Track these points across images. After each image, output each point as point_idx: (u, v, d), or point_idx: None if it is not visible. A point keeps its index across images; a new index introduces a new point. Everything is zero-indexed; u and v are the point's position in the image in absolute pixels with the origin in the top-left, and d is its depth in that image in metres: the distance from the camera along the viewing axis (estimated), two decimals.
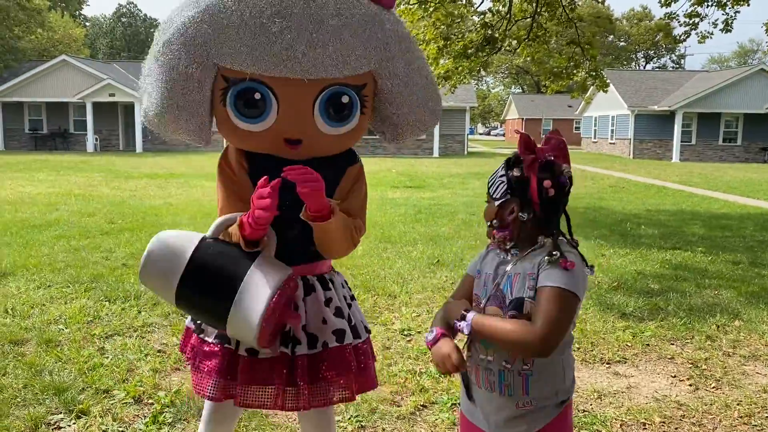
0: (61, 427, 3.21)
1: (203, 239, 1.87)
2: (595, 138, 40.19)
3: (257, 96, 1.88)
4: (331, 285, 2.14)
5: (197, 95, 1.90)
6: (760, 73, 31.03)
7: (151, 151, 31.50)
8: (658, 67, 68.88)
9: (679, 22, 11.05)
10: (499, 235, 1.82)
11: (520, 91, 70.59)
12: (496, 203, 1.81)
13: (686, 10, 11.37)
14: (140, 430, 3.19)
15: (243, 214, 1.87)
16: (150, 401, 3.50)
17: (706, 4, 10.27)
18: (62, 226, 8.90)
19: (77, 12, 58.28)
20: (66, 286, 5.74)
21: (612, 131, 36.80)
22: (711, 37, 11.50)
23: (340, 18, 1.81)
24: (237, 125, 1.94)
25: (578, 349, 4.43)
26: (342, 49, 1.83)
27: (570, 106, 47.73)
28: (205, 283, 1.81)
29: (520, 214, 1.81)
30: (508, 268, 1.77)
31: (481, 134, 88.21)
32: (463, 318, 1.75)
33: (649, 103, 33.32)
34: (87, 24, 70.99)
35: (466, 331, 1.74)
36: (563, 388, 1.79)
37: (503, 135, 73.70)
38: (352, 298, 2.25)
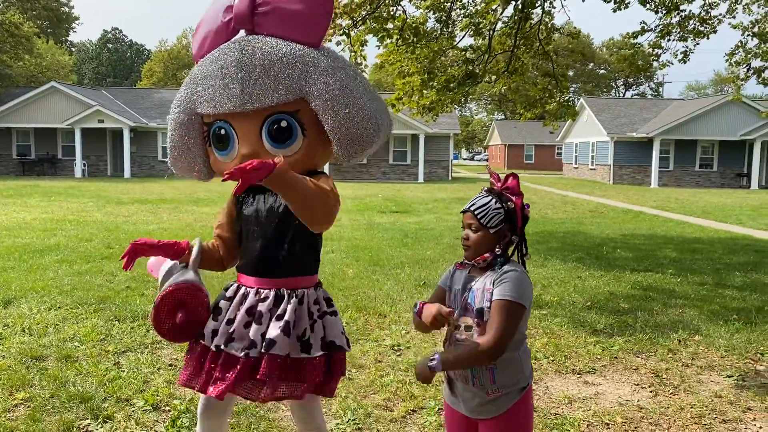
0: (90, 431, 3.60)
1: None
2: (576, 164, 41.07)
3: (222, 132, 2.48)
4: (296, 300, 2.47)
5: (189, 139, 2.56)
6: (735, 102, 32.03)
7: (138, 177, 31.83)
8: (637, 95, 70.48)
9: (642, 53, 11.78)
10: (490, 257, 2.23)
11: (503, 117, 71.71)
12: (492, 231, 2.22)
13: (651, 40, 12.09)
14: None
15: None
16: (167, 408, 3.89)
17: (667, 38, 11.00)
18: (62, 251, 9.24)
19: (64, 38, 58.63)
20: (75, 307, 6.10)
21: (592, 157, 37.68)
22: (671, 65, 12.24)
23: (265, 59, 2.35)
24: (218, 159, 2.56)
25: (553, 361, 4.89)
26: (270, 83, 2.37)
27: (552, 132, 48.66)
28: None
29: (513, 237, 2.27)
30: (473, 284, 2.22)
31: (465, 159, 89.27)
32: (433, 359, 2.14)
33: (628, 130, 34.27)
34: (73, 50, 71.44)
35: (438, 370, 2.14)
36: (523, 376, 2.25)
37: (487, 160, 74.68)
38: (323, 315, 2.54)
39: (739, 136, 32.54)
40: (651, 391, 4.33)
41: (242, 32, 2.46)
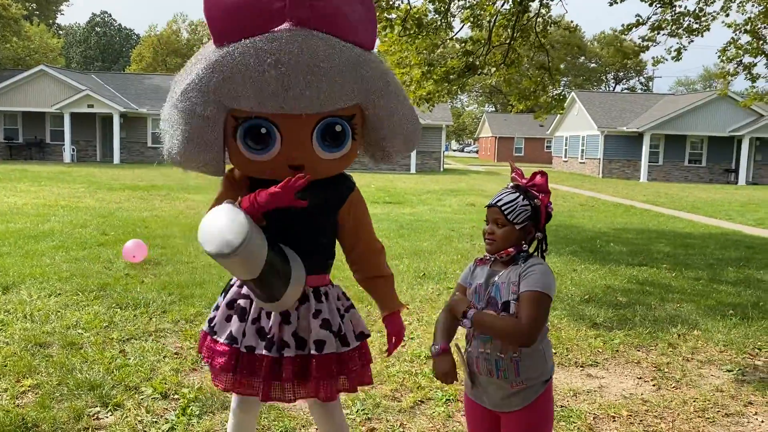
0: (101, 418, 3.60)
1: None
2: (565, 157, 41.24)
3: (263, 131, 2.22)
4: (323, 298, 2.48)
5: (212, 134, 2.24)
6: (724, 98, 32.28)
7: (127, 163, 31.62)
8: (627, 89, 70.74)
9: (632, 46, 11.93)
10: (514, 252, 2.26)
11: (493, 109, 71.83)
12: (518, 227, 2.24)
13: (645, 35, 12.21)
14: (172, 420, 3.58)
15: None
16: (176, 396, 3.90)
17: (660, 32, 11.09)
18: (58, 237, 9.17)
19: (52, 21, 57.90)
20: (75, 294, 6.07)
21: (582, 151, 37.86)
22: (664, 62, 12.38)
23: (330, 62, 2.14)
24: (247, 156, 2.29)
25: (555, 354, 4.93)
26: (332, 88, 2.15)
27: (542, 126, 48.78)
28: (274, 270, 2.25)
29: (537, 233, 2.30)
30: (496, 278, 2.25)
31: (454, 151, 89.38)
32: (465, 315, 2.20)
33: (619, 124, 34.45)
34: (61, 33, 70.56)
35: (467, 326, 2.21)
36: (546, 369, 2.28)
37: (476, 152, 74.79)
38: (348, 308, 2.56)
39: (728, 133, 32.85)
40: (654, 385, 4.39)
41: (286, 24, 2.17)
